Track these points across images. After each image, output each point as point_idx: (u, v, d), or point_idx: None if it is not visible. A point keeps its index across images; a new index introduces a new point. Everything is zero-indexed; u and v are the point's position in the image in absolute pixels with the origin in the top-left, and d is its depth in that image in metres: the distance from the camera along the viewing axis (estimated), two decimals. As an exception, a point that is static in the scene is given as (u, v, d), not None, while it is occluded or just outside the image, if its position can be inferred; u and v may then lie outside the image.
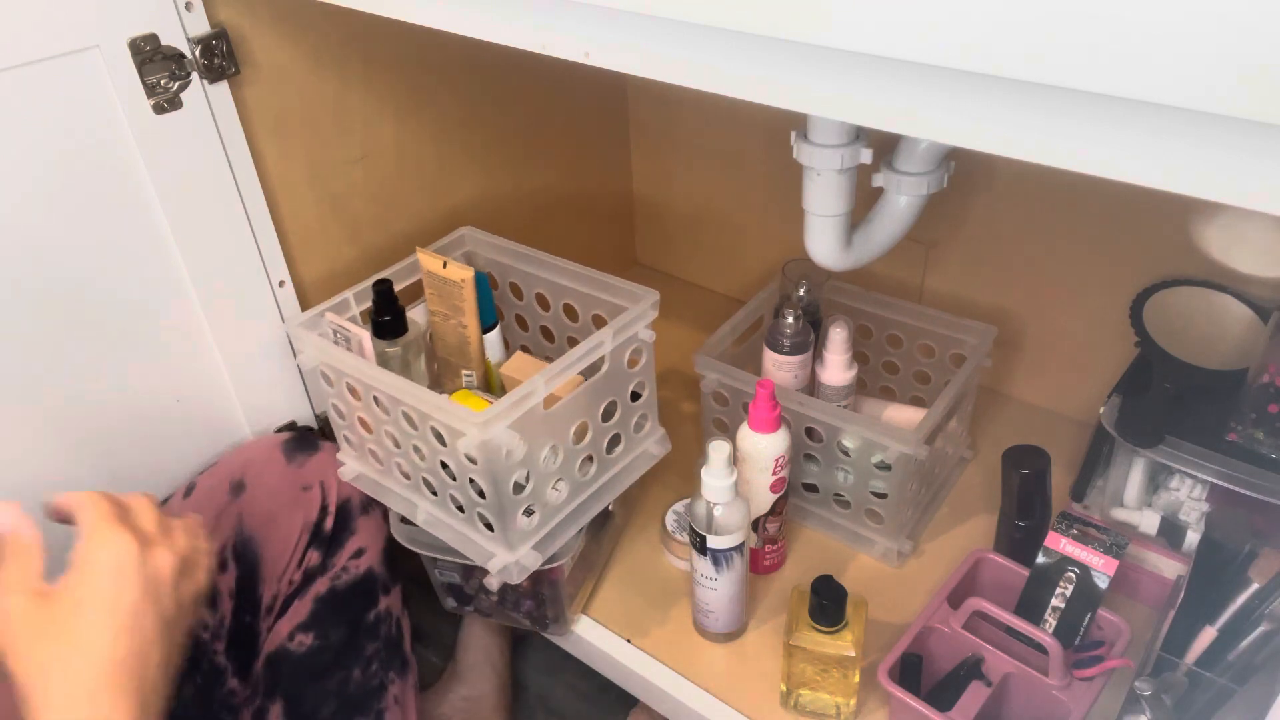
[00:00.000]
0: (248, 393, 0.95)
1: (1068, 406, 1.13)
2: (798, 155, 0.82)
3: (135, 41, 0.76)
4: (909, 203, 0.87)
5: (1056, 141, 0.39)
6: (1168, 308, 0.94)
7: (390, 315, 0.86)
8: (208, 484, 0.87)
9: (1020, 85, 0.37)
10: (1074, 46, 0.34)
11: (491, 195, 1.15)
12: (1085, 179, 0.39)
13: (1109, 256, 1.00)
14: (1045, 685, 0.76)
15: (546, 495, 0.84)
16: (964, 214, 1.08)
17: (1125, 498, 0.93)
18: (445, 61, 1.03)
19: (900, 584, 0.95)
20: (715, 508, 0.81)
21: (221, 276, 0.89)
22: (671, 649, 0.91)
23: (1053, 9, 0.34)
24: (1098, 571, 0.79)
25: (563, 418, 0.82)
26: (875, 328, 1.07)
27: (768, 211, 1.27)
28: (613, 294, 0.91)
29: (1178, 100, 0.33)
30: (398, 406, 0.80)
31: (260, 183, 0.89)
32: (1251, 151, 0.34)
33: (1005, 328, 1.07)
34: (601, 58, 0.52)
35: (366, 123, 0.98)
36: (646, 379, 0.91)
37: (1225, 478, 0.83)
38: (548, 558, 0.85)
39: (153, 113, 0.79)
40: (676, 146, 1.32)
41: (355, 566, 0.87)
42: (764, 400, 0.84)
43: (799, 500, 1.00)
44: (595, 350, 0.82)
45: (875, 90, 0.43)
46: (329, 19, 0.89)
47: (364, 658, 0.85)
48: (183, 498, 0.87)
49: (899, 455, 0.87)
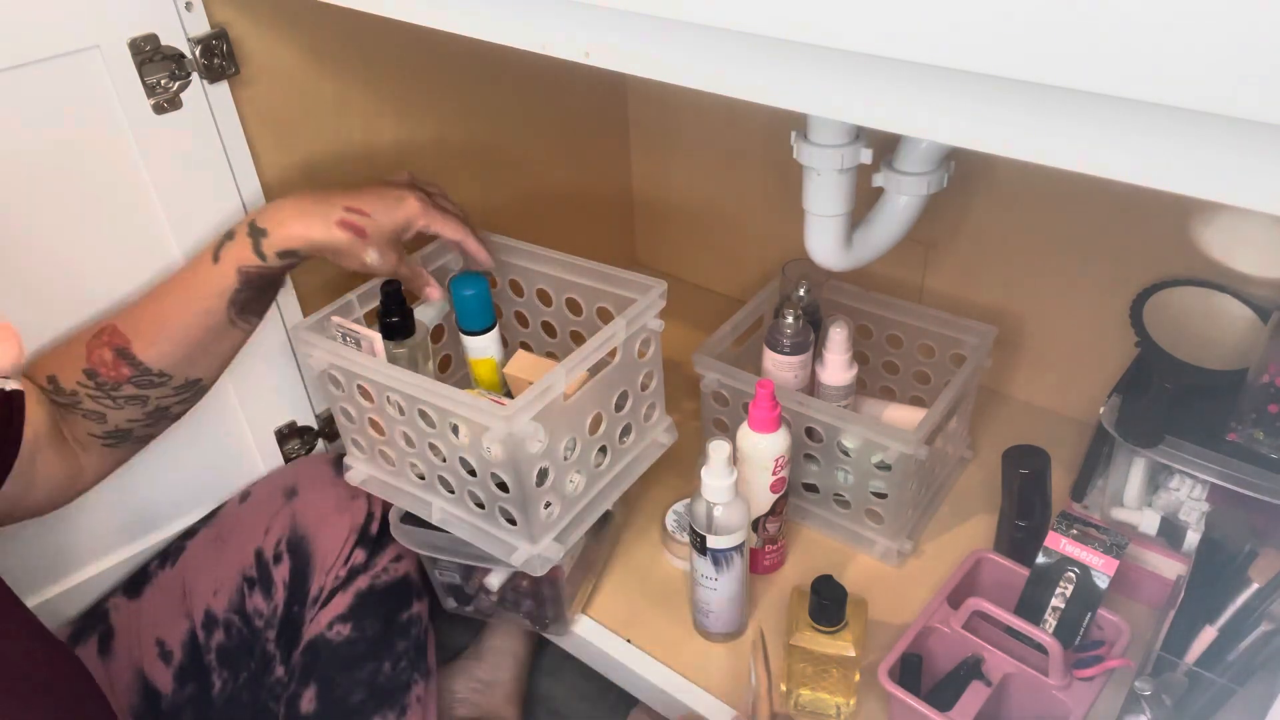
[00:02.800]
0: (248, 393, 0.95)
1: (1068, 406, 1.13)
2: (798, 155, 0.82)
3: (135, 41, 0.76)
4: (909, 203, 0.87)
5: (1056, 141, 0.39)
6: (1168, 308, 0.94)
7: (399, 316, 0.87)
8: (263, 490, 0.94)
9: (1020, 85, 0.37)
10: (1074, 46, 0.34)
11: (491, 195, 1.15)
12: (1085, 179, 0.39)
13: (1109, 256, 1.00)
14: (1045, 685, 0.76)
15: (565, 487, 0.85)
16: (964, 214, 1.08)
17: (1125, 498, 0.93)
18: (445, 61, 1.03)
19: (900, 584, 0.95)
20: (715, 508, 0.81)
21: (221, 276, 0.89)
22: (671, 649, 0.91)
23: (1052, 9, 0.34)
24: (1098, 571, 0.79)
25: (580, 409, 0.83)
26: (875, 328, 1.07)
27: (768, 211, 1.27)
28: (618, 286, 0.91)
29: (1178, 100, 0.33)
30: (414, 405, 0.80)
31: (260, 182, 0.89)
32: (1252, 151, 0.34)
33: (1005, 328, 1.07)
34: (601, 58, 0.52)
35: (366, 123, 0.98)
36: (655, 369, 0.92)
37: (1225, 478, 0.83)
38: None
39: (152, 113, 0.79)
40: (676, 146, 1.32)
41: (395, 569, 0.92)
42: (764, 400, 0.84)
43: (799, 500, 1.00)
44: (609, 342, 0.83)
45: (875, 90, 0.43)
46: (329, 19, 0.89)
47: (395, 653, 0.89)
48: (239, 503, 0.94)
49: (899, 455, 0.87)
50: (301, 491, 0.92)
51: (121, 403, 0.78)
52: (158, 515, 0.94)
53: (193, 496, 0.95)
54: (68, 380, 0.77)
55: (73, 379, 0.77)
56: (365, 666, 0.87)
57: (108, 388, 0.77)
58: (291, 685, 0.87)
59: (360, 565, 0.90)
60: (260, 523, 0.90)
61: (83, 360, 0.77)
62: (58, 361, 0.78)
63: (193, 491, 0.95)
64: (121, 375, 0.77)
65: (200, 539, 0.91)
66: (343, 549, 0.90)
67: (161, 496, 0.93)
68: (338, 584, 0.89)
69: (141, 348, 0.77)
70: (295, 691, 0.86)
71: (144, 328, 0.78)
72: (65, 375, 0.77)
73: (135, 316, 0.79)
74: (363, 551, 0.91)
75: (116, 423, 0.79)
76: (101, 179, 0.79)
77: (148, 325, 0.78)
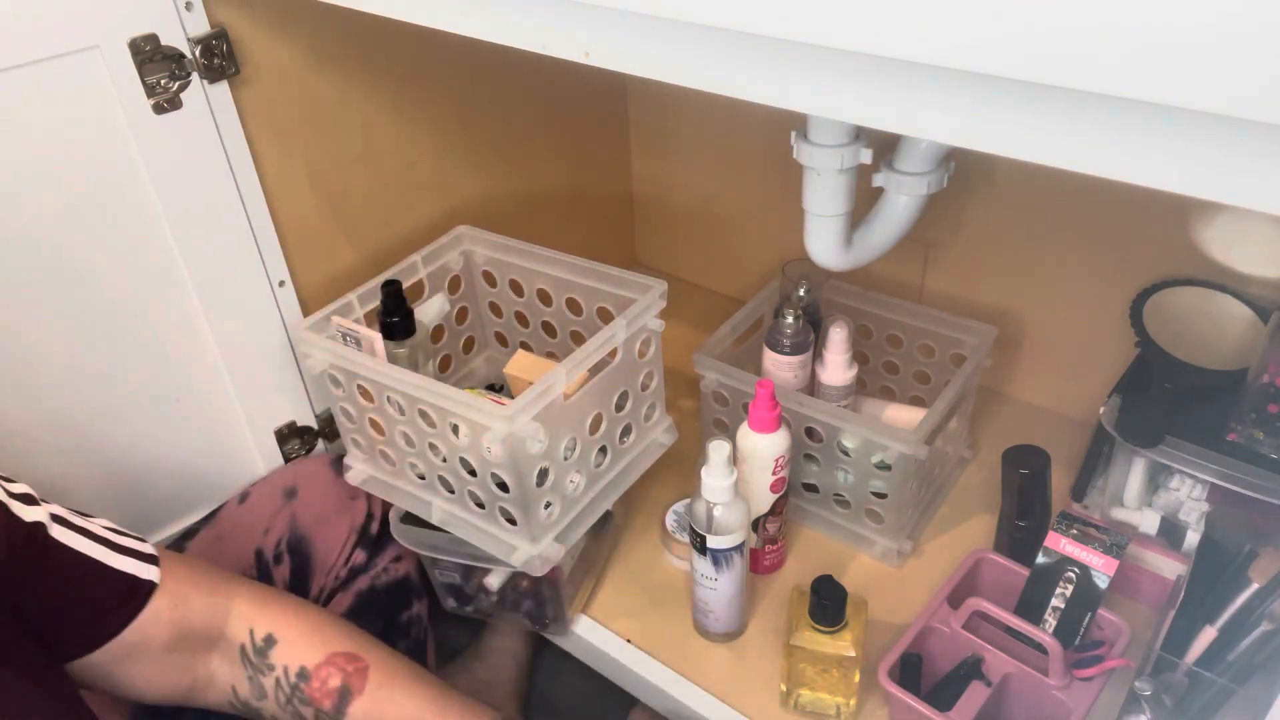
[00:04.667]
0: (248, 393, 0.95)
1: (1068, 406, 1.13)
2: (798, 155, 0.82)
3: (135, 41, 0.76)
4: (909, 203, 0.87)
5: (1056, 141, 0.39)
6: (1168, 308, 0.94)
7: (399, 315, 0.87)
8: (262, 491, 0.94)
9: (1020, 85, 0.37)
10: (1074, 46, 0.34)
11: (491, 195, 1.15)
12: (1085, 179, 0.39)
13: (1109, 256, 1.00)
14: (1045, 685, 0.76)
15: (565, 487, 0.85)
16: (964, 214, 1.08)
17: (1125, 498, 0.93)
18: (445, 61, 1.03)
19: (900, 584, 0.95)
20: (715, 508, 0.81)
21: (221, 276, 0.89)
22: (671, 649, 0.91)
23: (1052, 9, 0.34)
24: (1098, 571, 0.79)
25: (580, 409, 0.83)
26: (875, 328, 1.07)
27: (768, 211, 1.27)
28: (618, 286, 0.91)
29: (1177, 100, 0.33)
30: (414, 405, 0.80)
31: (260, 182, 0.89)
32: (1252, 151, 0.34)
33: (1005, 328, 1.07)
34: (601, 58, 0.52)
35: (366, 123, 0.98)
36: (655, 368, 0.92)
37: (1225, 478, 0.83)
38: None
39: (153, 113, 0.79)
40: (676, 146, 1.32)
41: (395, 569, 0.92)
42: (764, 400, 0.84)
43: (799, 500, 1.00)
44: (609, 342, 0.83)
45: (875, 90, 0.43)
46: (329, 19, 0.89)
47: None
48: (237, 504, 0.93)
49: (899, 455, 0.87)
50: (301, 492, 0.92)
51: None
52: (157, 516, 0.94)
53: (191, 497, 0.95)
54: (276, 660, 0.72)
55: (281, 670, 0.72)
56: None
57: (297, 701, 0.71)
58: None
59: (360, 565, 0.91)
60: (260, 523, 0.90)
61: (312, 662, 0.72)
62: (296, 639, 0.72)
63: (191, 492, 0.95)
64: (323, 707, 0.71)
65: (200, 540, 0.91)
66: (343, 549, 0.90)
67: (160, 497, 0.93)
68: (338, 584, 0.89)
69: (362, 705, 0.71)
70: None
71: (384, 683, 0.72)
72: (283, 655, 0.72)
73: (391, 668, 0.73)
74: (363, 552, 0.91)
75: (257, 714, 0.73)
76: (101, 179, 0.79)
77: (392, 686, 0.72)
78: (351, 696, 0.72)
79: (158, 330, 0.87)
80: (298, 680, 0.71)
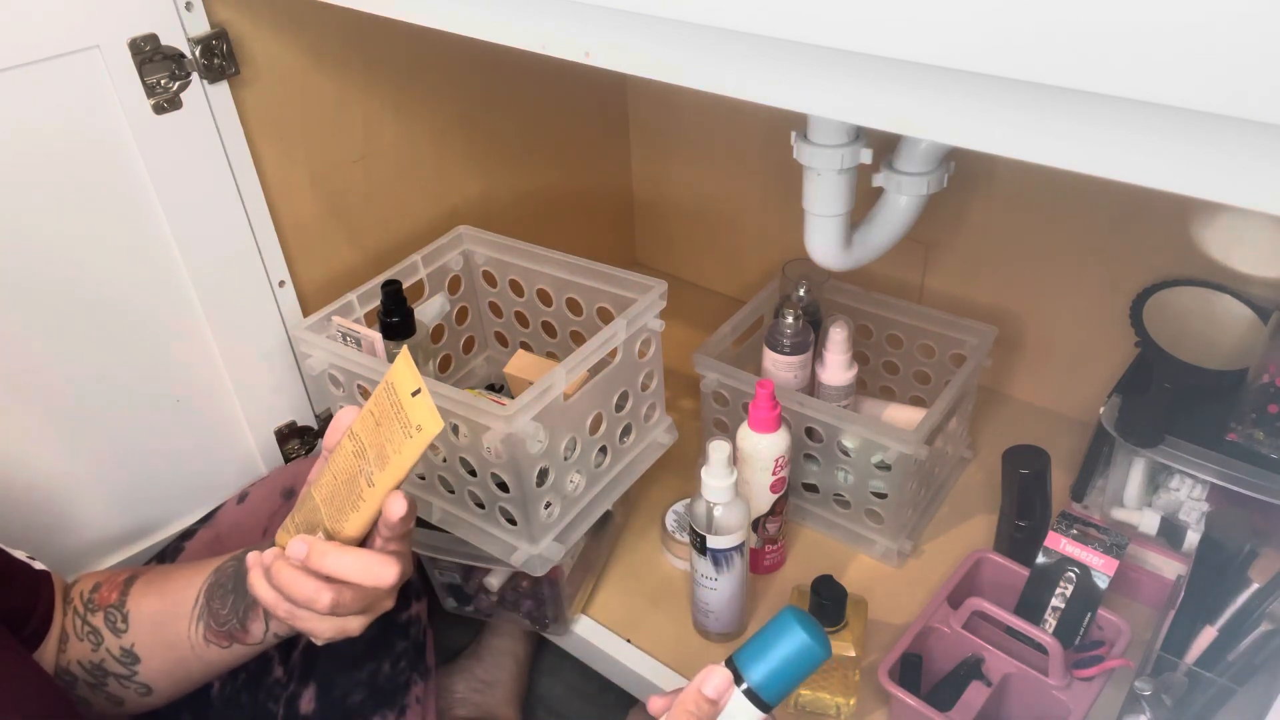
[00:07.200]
0: (248, 393, 0.95)
1: (1068, 406, 1.13)
2: (798, 155, 0.82)
3: (135, 41, 0.76)
4: (909, 203, 0.87)
5: (1057, 141, 0.39)
6: (1168, 308, 0.94)
7: (399, 316, 0.87)
8: (260, 492, 0.93)
9: (1021, 85, 0.37)
10: (1074, 46, 0.34)
11: (491, 196, 1.15)
12: (1085, 179, 0.39)
13: (1109, 256, 1.00)
14: (1045, 685, 0.76)
15: (565, 487, 0.85)
16: (964, 214, 1.08)
17: (1125, 498, 0.93)
18: (445, 61, 1.03)
19: (900, 584, 0.95)
20: (715, 508, 0.81)
21: (221, 276, 0.89)
22: (671, 649, 0.91)
23: (1052, 9, 0.34)
24: (1098, 571, 0.79)
25: (580, 409, 0.83)
26: (875, 328, 1.07)
27: (768, 211, 1.27)
28: (618, 286, 0.91)
29: (1177, 100, 0.33)
30: None
31: (260, 182, 0.89)
32: (1252, 151, 0.34)
33: (1005, 328, 1.07)
34: (601, 58, 0.52)
35: (366, 123, 0.98)
36: (655, 368, 0.92)
37: (1225, 478, 0.83)
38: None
39: (153, 113, 0.79)
40: (676, 146, 1.32)
41: None
42: (764, 400, 0.84)
43: (799, 500, 1.00)
44: (609, 342, 0.83)
45: (875, 90, 0.43)
46: (329, 19, 0.89)
47: (394, 653, 0.88)
48: (236, 504, 0.93)
49: (899, 455, 0.87)
50: (300, 492, 0.92)
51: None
52: (156, 516, 0.94)
53: (191, 497, 0.95)
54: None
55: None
56: (364, 666, 0.87)
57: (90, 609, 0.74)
58: (290, 685, 0.86)
59: None
60: (259, 523, 0.90)
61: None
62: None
63: (191, 492, 0.94)
64: (110, 600, 0.74)
65: (198, 540, 0.91)
66: None
67: (160, 497, 0.93)
68: None
69: (142, 584, 0.74)
70: (294, 692, 0.86)
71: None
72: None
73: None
74: None
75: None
76: (101, 179, 0.79)
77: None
78: (135, 579, 0.75)
79: (158, 330, 0.87)
80: (91, 594, 0.74)
